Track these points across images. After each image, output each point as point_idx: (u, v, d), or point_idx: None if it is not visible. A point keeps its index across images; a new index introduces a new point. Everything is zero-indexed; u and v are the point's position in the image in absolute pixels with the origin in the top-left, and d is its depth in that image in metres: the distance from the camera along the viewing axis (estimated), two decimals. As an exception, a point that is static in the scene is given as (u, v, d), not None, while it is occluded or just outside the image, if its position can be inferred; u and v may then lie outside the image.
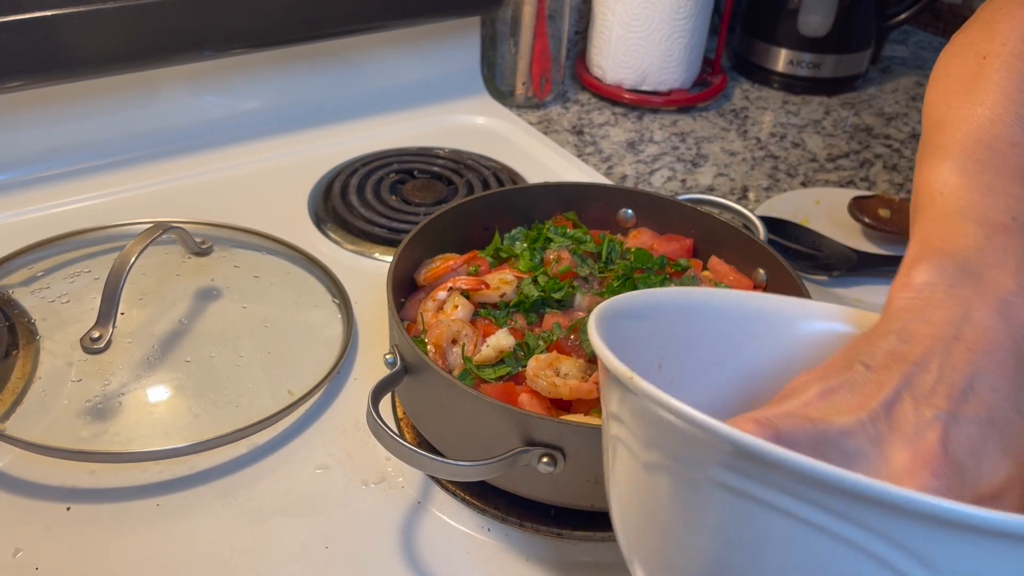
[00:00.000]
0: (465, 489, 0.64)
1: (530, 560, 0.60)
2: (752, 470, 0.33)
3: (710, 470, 0.34)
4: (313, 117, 1.06)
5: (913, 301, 0.42)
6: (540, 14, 1.11)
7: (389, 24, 1.05)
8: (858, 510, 0.31)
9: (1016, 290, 0.41)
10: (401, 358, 0.62)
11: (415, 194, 0.95)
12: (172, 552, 0.59)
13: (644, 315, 0.49)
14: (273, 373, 0.71)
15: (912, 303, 0.42)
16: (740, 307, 0.53)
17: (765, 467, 0.32)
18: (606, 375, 0.41)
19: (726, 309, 0.52)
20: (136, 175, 0.95)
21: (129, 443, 0.64)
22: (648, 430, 0.38)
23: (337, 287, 0.80)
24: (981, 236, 0.43)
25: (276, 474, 0.65)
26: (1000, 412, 0.37)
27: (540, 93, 1.17)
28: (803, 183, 1.05)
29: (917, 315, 0.41)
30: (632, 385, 0.37)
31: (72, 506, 0.61)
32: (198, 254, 0.82)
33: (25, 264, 0.79)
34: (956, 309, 0.40)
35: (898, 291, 0.43)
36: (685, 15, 1.13)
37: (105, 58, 0.88)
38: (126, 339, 0.72)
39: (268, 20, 0.95)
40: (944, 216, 0.45)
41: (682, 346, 0.50)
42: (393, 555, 0.59)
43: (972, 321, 0.39)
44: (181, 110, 0.99)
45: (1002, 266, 0.42)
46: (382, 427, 0.55)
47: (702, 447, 0.34)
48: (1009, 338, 0.39)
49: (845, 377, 0.39)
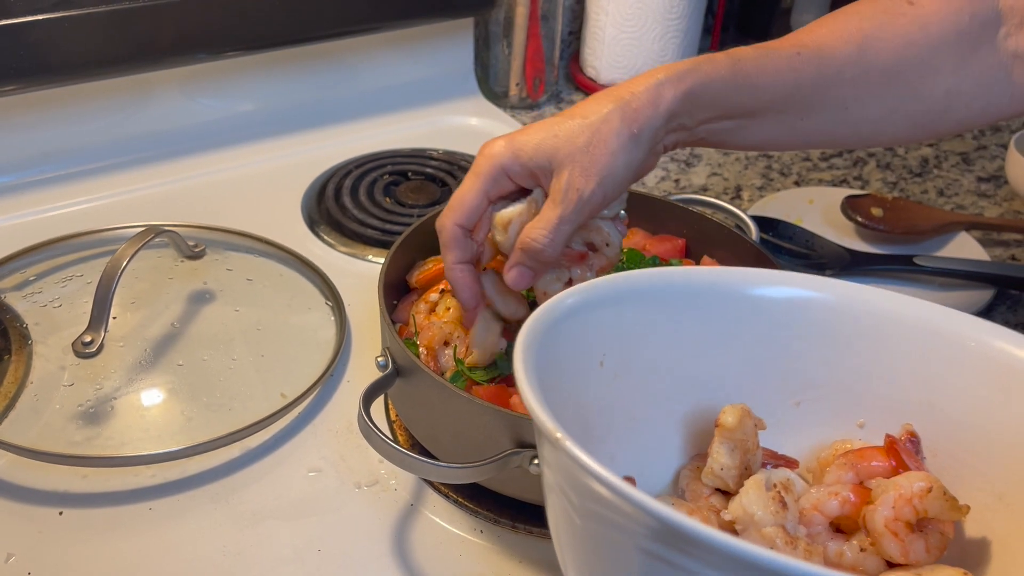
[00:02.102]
0: (457, 491, 0.64)
1: (522, 562, 0.60)
2: (677, 543, 0.33)
3: (636, 538, 0.35)
4: (306, 119, 1.05)
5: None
6: (533, 15, 1.11)
7: (382, 26, 1.05)
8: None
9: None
10: (393, 360, 0.62)
11: (409, 196, 0.95)
12: (164, 556, 0.59)
13: (578, 311, 0.48)
14: (266, 376, 0.71)
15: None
16: (684, 284, 0.52)
17: (690, 543, 0.33)
18: (536, 425, 0.40)
19: (668, 288, 0.51)
20: (129, 178, 0.95)
21: (121, 447, 0.64)
22: (577, 489, 0.37)
23: (330, 289, 0.80)
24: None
25: (269, 477, 0.65)
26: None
27: (534, 94, 1.17)
28: (796, 182, 1.05)
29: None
30: (562, 447, 0.36)
31: (64, 511, 0.61)
32: (191, 257, 0.82)
33: (17, 268, 0.79)
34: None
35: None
36: (678, 15, 1.13)
37: (97, 61, 0.88)
38: (118, 343, 0.72)
39: (261, 23, 0.95)
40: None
41: (625, 334, 0.50)
42: (386, 558, 0.60)
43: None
44: (174, 113, 0.99)
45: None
46: (373, 430, 0.55)
47: (629, 518, 0.35)
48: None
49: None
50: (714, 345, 0.52)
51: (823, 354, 0.53)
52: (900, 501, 0.46)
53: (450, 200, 0.60)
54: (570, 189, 0.56)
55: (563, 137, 0.57)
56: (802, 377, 0.53)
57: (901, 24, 0.62)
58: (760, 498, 0.45)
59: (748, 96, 0.61)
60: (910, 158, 1.12)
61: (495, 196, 0.60)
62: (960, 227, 0.95)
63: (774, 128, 0.63)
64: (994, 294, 0.85)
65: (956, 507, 0.47)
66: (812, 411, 0.54)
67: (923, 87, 0.63)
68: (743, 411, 0.49)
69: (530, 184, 0.60)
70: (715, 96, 0.59)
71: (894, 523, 0.46)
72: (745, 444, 0.49)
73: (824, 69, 0.62)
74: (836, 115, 0.64)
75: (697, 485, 0.51)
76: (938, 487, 0.46)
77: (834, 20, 0.64)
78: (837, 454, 0.52)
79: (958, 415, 0.50)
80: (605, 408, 0.49)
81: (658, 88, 0.58)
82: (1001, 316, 0.85)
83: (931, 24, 0.62)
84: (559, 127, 0.58)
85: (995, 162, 1.12)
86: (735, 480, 0.49)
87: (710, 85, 0.59)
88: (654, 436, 0.52)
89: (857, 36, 0.62)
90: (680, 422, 0.53)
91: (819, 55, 0.61)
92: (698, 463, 0.52)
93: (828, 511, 0.48)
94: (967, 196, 1.05)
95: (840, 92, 0.62)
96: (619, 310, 0.49)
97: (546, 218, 0.57)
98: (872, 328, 0.52)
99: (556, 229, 0.57)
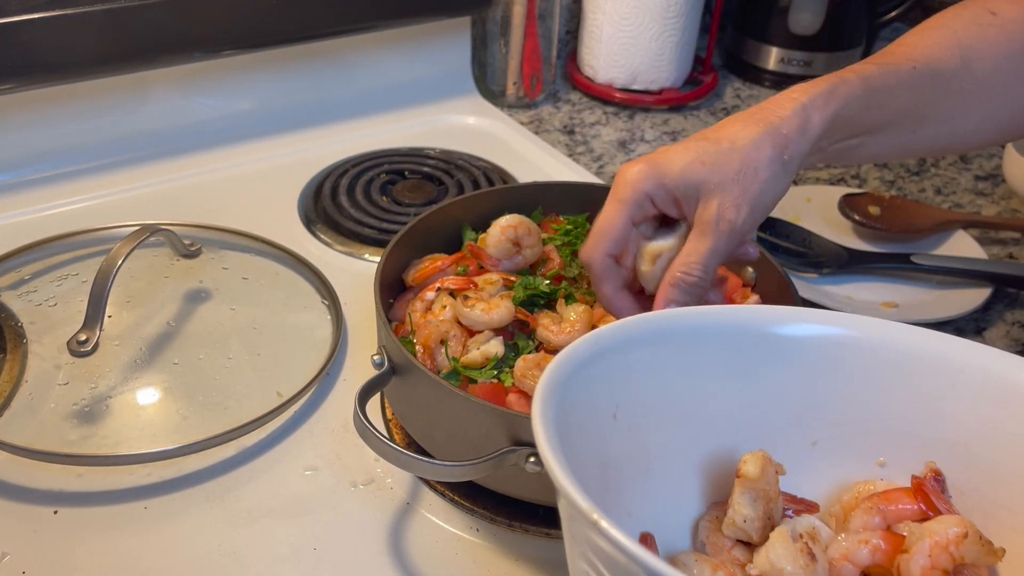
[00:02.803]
0: (454, 490, 0.63)
1: (518, 560, 0.60)
2: None
3: None
4: (303, 118, 1.05)
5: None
6: (530, 14, 1.11)
7: (379, 24, 1.05)
8: None
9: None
10: (388, 359, 0.61)
11: (405, 195, 0.95)
12: (160, 555, 0.58)
13: (591, 361, 0.46)
14: (262, 375, 0.71)
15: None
16: (696, 325, 0.50)
17: None
18: (565, 505, 0.38)
19: (680, 329, 0.50)
20: (124, 177, 0.95)
21: (117, 446, 0.64)
22: (614, 569, 0.36)
23: (327, 288, 0.79)
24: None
25: (264, 476, 0.64)
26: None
27: (531, 93, 1.17)
28: (794, 181, 1.05)
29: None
30: (602, 531, 0.35)
31: (59, 510, 0.61)
32: (186, 256, 0.81)
33: (13, 267, 0.79)
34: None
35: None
36: (675, 13, 1.13)
37: (93, 60, 0.88)
38: (114, 342, 0.72)
39: (258, 21, 0.95)
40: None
41: (637, 381, 0.48)
42: (382, 556, 0.59)
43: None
44: (170, 112, 0.99)
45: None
46: (369, 428, 0.55)
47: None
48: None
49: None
50: (727, 386, 0.51)
51: (841, 391, 0.51)
52: (936, 549, 0.44)
53: (594, 228, 0.59)
54: (721, 220, 0.55)
55: (711, 164, 0.55)
56: (820, 415, 0.52)
57: (991, 35, 0.63)
58: (788, 552, 0.44)
59: (877, 114, 0.61)
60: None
61: (639, 221, 0.59)
62: (957, 225, 0.95)
63: (890, 143, 0.63)
64: (991, 292, 0.85)
65: (992, 551, 0.45)
66: (830, 450, 0.52)
67: (1012, 94, 0.64)
68: (764, 459, 0.47)
69: (672, 211, 0.58)
70: (852, 117, 0.59)
71: (931, 572, 0.44)
72: (767, 493, 0.48)
73: (938, 81, 0.62)
74: (942, 127, 0.64)
75: (718, 537, 0.49)
76: (973, 532, 0.45)
77: (932, 33, 0.64)
78: (861, 497, 0.50)
79: (983, 451, 0.48)
80: (620, 461, 0.47)
81: (805, 112, 0.57)
82: (998, 314, 0.85)
83: (1015, 32, 0.63)
84: (707, 153, 0.56)
85: (992, 161, 1.12)
86: (758, 532, 0.47)
87: (849, 107, 0.58)
88: (670, 486, 0.50)
89: (957, 48, 0.62)
90: (696, 469, 0.51)
91: (932, 69, 0.62)
92: (716, 513, 0.50)
93: (859, 560, 0.46)
94: (965, 194, 1.05)
95: (948, 104, 0.63)
96: (631, 356, 0.48)
97: (698, 251, 0.56)
98: (891, 363, 0.50)
99: (707, 261, 0.56)
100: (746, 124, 0.57)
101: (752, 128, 0.56)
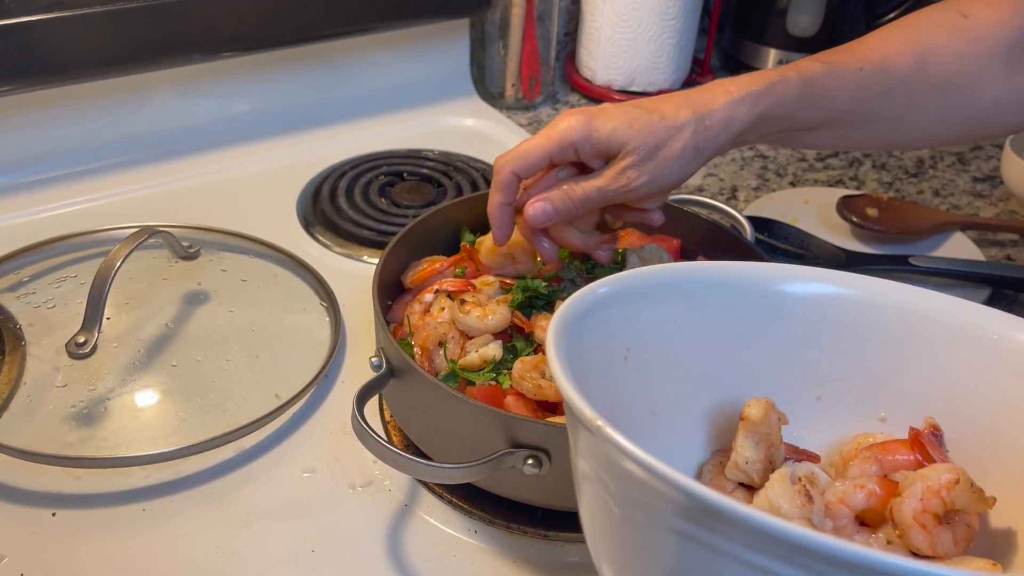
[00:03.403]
0: (452, 492, 0.64)
1: (517, 562, 0.60)
2: (708, 521, 0.34)
3: (672, 520, 0.35)
4: (302, 120, 1.05)
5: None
6: (529, 16, 1.11)
7: (378, 26, 1.05)
8: (812, 563, 0.31)
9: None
10: (387, 361, 0.61)
11: (404, 196, 0.95)
12: (158, 557, 0.59)
13: (607, 303, 0.48)
14: (260, 377, 0.71)
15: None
16: (710, 279, 0.52)
17: (721, 520, 0.33)
18: (570, 414, 0.40)
19: (695, 282, 0.52)
20: (123, 179, 0.95)
21: (115, 448, 0.64)
22: (617, 475, 0.38)
23: (325, 290, 0.79)
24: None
25: (263, 478, 0.64)
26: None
27: (530, 94, 1.17)
28: (792, 183, 1.05)
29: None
30: (602, 434, 0.37)
31: (58, 512, 0.61)
32: (185, 258, 0.81)
33: (11, 269, 0.79)
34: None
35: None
36: (674, 15, 1.13)
37: (93, 62, 0.88)
38: (112, 344, 0.72)
39: (257, 23, 0.95)
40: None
41: (650, 329, 0.50)
42: (380, 558, 0.59)
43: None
44: (169, 114, 0.99)
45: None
46: (366, 430, 0.55)
47: (662, 498, 0.35)
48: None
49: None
50: (737, 340, 0.52)
51: (845, 348, 0.53)
52: (928, 493, 0.46)
53: (515, 147, 0.64)
54: (622, 175, 0.61)
55: (637, 130, 0.61)
56: (824, 371, 0.53)
57: (956, 38, 0.65)
58: (786, 491, 0.45)
59: (813, 113, 0.64)
60: (906, 158, 1.12)
61: (556, 162, 0.64)
62: (956, 227, 0.95)
63: (830, 138, 0.67)
64: (989, 294, 0.85)
65: (983, 499, 0.46)
66: (833, 405, 0.54)
67: (974, 96, 0.66)
68: (768, 404, 0.49)
69: (594, 164, 0.63)
70: (783, 115, 0.63)
71: (922, 515, 0.46)
72: (769, 438, 0.49)
73: (886, 83, 0.64)
74: (892, 124, 0.66)
75: (720, 480, 0.51)
76: (965, 479, 0.46)
77: (893, 34, 0.66)
78: (860, 447, 0.52)
79: (981, 408, 0.50)
80: (629, 402, 0.49)
81: (733, 108, 0.61)
82: (996, 316, 0.85)
83: (983, 37, 0.65)
84: (637, 120, 0.61)
85: (991, 162, 1.12)
86: (759, 474, 0.49)
87: (781, 106, 0.62)
88: (675, 432, 0.52)
89: (916, 50, 0.64)
90: (701, 418, 0.53)
91: (881, 70, 0.64)
92: (720, 458, 0.52)
93: (854, 504, 0.48)
94: (963, 196, 1.05)
95: (897, 104, 0.65)
96: (646, 304, 0.50)
97: (592, 183, 0.62)
98: (894, 322, 0.52)
99: (591, 194, 0.62)
100: (679, 106, 0.61)
101: (683, 112, 0.61)
